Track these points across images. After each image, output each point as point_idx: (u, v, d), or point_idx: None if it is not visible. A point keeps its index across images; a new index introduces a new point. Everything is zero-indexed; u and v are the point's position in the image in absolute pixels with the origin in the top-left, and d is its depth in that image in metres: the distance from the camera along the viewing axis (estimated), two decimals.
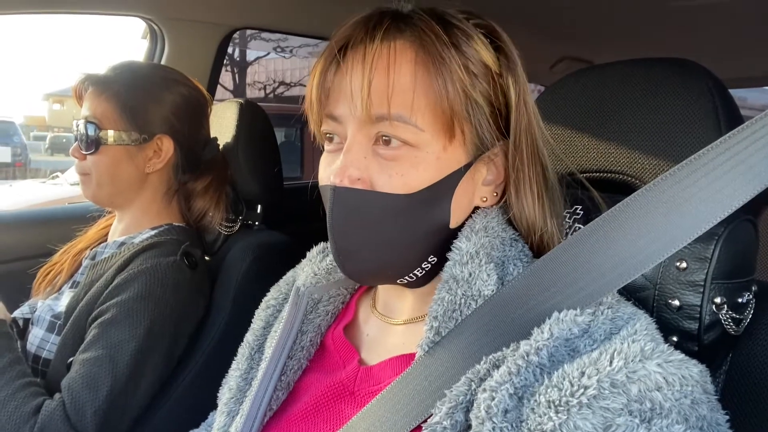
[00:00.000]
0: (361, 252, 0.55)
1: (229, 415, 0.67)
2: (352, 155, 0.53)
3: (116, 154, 1.03)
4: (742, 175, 0.46)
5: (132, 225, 1.09)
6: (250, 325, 0.75)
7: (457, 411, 0.46)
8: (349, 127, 0.54)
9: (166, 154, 1.06)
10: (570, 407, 0.40)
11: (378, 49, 0.52)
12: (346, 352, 0.63)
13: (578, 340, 0.46)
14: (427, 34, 0.53)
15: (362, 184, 0.53)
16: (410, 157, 0.53)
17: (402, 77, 0.52)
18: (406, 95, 0.52)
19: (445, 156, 0.54)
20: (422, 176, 0.53)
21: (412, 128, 0.52)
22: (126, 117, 1.02)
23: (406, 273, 0.57)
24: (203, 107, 1.15)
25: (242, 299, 1.08)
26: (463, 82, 0.53)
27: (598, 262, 0.49)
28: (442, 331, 0.52)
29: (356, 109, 0.52)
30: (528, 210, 0.57)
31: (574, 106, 0.75)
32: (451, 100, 0.53)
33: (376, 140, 0.54)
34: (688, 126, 0.62)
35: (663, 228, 0.47)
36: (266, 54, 9.94)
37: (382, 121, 0.52)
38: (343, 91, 0.53)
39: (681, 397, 0.41)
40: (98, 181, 1.04)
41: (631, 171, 0.67)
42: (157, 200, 1.10)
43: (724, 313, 0.54)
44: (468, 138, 0.55)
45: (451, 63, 0.52)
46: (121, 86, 1.03)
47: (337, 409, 0.58)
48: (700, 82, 0.63)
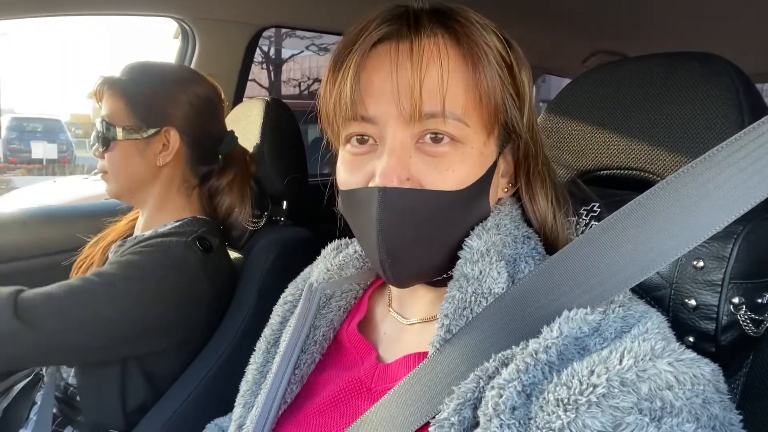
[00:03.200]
0: (410, 254, 0.54)
1: (245, 407, 0.68)
2: (397, 155, 0.52)
3: (126, 148, 1.06)
4: (761, 171, 0.44)
5: (153, 218, 1.11)
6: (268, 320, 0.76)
7: (465, 407, 0.46)
8: (388, 126, 0.52)
9: (174, 146, 1.08)
10: (579, 406, 0.40)
11: (426, 45, 0.51)
12: (363, 349, 0.64)
13: (588, 339, 0.46)
14: (467, 28, 0.53)
15: (411, 184, 0.52)
16: (458, 153, 0.53)
17: (453, 73, 0.52)
18: (458, 91, 0.52)
19: (486, 150, 0.55)
20: (469, 172, 0.53)
21: (461, 124, 0.52)
22: (133, 112, 1.06)
23: (444, 271, 0.57)
24: (216, 105, 1.17)
25: (267, 294, 1.10)
26: (501, 77, 0.54)
27: (611, 261, 0.48)
28: (453, 329, 0.52)
29: (404, 108, 0.51)
30: (540, 198, 0.58)
31: (595, 101, 0.74)
32: (495, 95, 0.53)
33: (420, 139, 0.53)
34: (711, 121, 0.61)
35: (677, 226, 0.46)
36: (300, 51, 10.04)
37: (430, 118, 0.51)
38: (382, 90, 0.52)
39: (692, 396, 0.40)
40: (114, 177, 1.08)
41: (652, 168, 0.66)
42: (172, 193, 1.12)
43: (743, 313, 0.52)
44: (498, 133, 0.56)
45: (490, 57, 0.53)
46: (129, 84, 1.07)
47: (354, 405, 0.59)
48: (724, 77, 0.61)
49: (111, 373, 0.99)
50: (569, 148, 0.75)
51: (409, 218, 0.52)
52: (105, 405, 1.00)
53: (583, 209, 0.63)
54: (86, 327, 0.91)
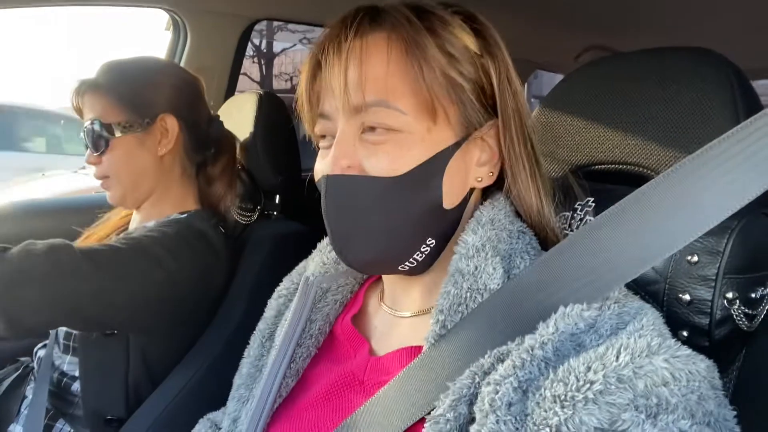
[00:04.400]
0: (358, 238, 0.56)
1: (239, 401, 0.68)
2: (341, 145, 0.55)
3: (127, 144, 1.04)
4: (757, 166, 0.44)
5: (155, 209, 1.09)
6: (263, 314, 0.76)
7: (460, 403, 0.46)
8: (338, 121, 0.56)
9: (173, 132, 1.07)
10: (576, 402, 0.40)
11: (351, 44, 0.54)
12: (355, 341, 0.64)
13: (584, 335, 0.46)
14: (400, 21, 0.55)
15: (353, 171, 0.55)
16: (396, 139, 0.54)
17: (374, 66, 0.54)
18: (380, 82, 0.54)
19: (431, 137, 0.55)
20: (409, 157, 0.54)
21: (394, 112, 0.54)
22: (125, 105, 1.04)
23: (405, 258, 0.57)
24: (198, 87, 1.16)
25: (260, 288, 1.09)
26: (440, 62, 0.54)
27: (606, 256, 0.48)
28: (448, 325, 0.52)
29: (338, 102, 0.55)
30: (524, 189, 0.58)
31: (589, 96, 0.74)
32: (429, 81, 0.54)
33: (363, 129, 0.55)
34: (705, 116, 0.61)
35: (673, 221, 0.46)
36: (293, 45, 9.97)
37: (362, 110, 0.54)
38: (327, 89, 0.56)
39: (688, 393, 0.41)
40: (118, 178, 1.05)
41: (647, 162, 0.66)
42: (174, 184, 1.10)
43: (736, 308, 0.52)
44: (454, 118, 0.56)
45: (426, 46, 0.54)
46: (113, 81, 1.05)
47: (347, 398, 0.59)
48: (719, 71, 0.61)
49: (114, 358, 0.99)
50: (564, 143, 0.75)
51: (350, 203, 0.55)
52: (107, 391, 1.00)
53: (578, 204, 0.63)
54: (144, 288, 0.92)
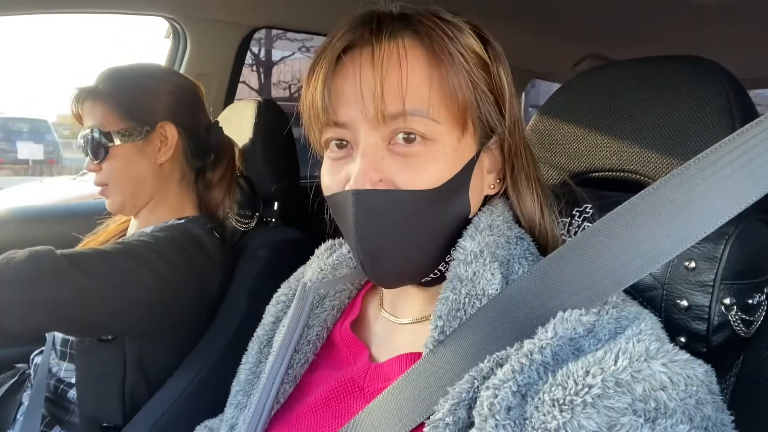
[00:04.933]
0: (391, 254, 0.55)
1: (237, 408, 0.68)
2: (368, 157, 0.52)
3: (126, 152, 1.04)
4: (753, 173, 0.45)
5: (153, 216, 1.09)
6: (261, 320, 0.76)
7: (459, 408, 0.46)
8: (360, 130, 0.53)
9: (172, 139, 1.07)
10: (574, 406, 0.40)
11: (387, 49, 0.52)
12: (355, 348, 0.64)
13: (583, 340, 0.46)
14: (432, 29, 0.54)
15: (384, 185, 0.53)
16: (429, 151, 0.53)
17: (415, 73, 0.52)
18: (421, 90, 0.52)
19: (460, 147, 0.55)
20: (443, 169, 0.53)
21: (429, 122, 0.52)
22: (124, 113, 1.04)
23: (432, 270, 0.57)
24: (197, 94, 1.16)
25: (257, 295, 1.09)
26: (469, 73, 0.54)
27: (604, 262, 0.48)
28: (446, 331, 0.52)
29: (369, 109, 0.52)
30: (524, 196, 0.59)
31: (587, 103, 0.74)
32: (463, 91, 0.53)
33: (391, 140, 0.53)
34: (702, 124, 0.61)
35: (670, 227, 0.46)
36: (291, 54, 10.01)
37: (396, 118, 0.52)
38: (350, 95, 0.53)
39: (686, 397, 0.41)
40: (117, 186, 1.05)
41: (644, 170, 0.66)
42: (173, 191, 1.10)
43: (734, 314, 0.53)
44: (476, 128, 0.56)
45: (457, 55, 0.53)
46: (112, 88, 1.05)
47: (346, 405, 0.59)
48: (715, 80, 0.62)
49: (112, 365, 0.99)
50: (561, 150, 0.76)
51: (385, 219, 0.53)
52: (104, 398, 0.99)
53: (575, 210, 0.64)
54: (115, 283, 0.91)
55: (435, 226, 0.55)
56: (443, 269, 0.58)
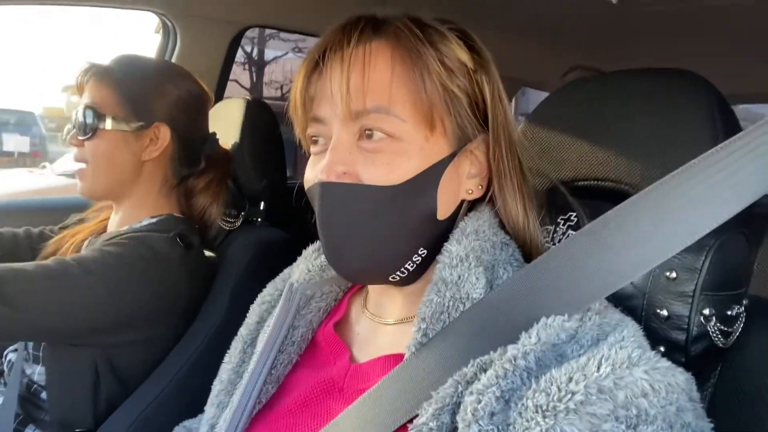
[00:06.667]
0: (352, 247, 0.56)
1: (218, 407, 0.67)
2: (337, 151, 0.55)
3: (113, 139, 1.03)
4: (735, 186, 0.45)
5: (129, 215, 1.08)
6: (245, 320, 0.75)
7: (443, 413, 0.46)
8: (333, 126, 0.56)
9: (163, 142, 1.06)
10: (557, 412, 0.40)
11: (354, 50, 0.55)
12: (336, 348, 0.64)
13: (565, 346, 0.47)
14: (403, 31, 0.56)
15: (349, 178, 0.54)
16: (394, 148, 0.54)
17: (378, 72, 0.54)
18: (383, 88, 0.54)
19: (428, 146, 0.55)
20: (407, 166, 0.54)
21: (393, 119, 0.54)
22: (125, 104, 1.03)
23: (397, 267, 0.57)
24: (204, 104, 1.16)
25: (241, 295, 1.09)
26: (439, 74, 0.55)
27: (588, 269, 0.49)
28: (429, 333, 0.52)
29: (337, 107, 0.54)
30: (510, 202, 0.59)
31: (574, 113, 0.75)
32: (429, 92, 0.55)
33: (360, 136, 0.55)
34: (686, 136, 0.62)
35: (653, 236, 0.47)
36: (284, 54, 9.98)
37: (362, 116, 0.54)
38: (325, 93, 0.56)
39: (666, 404, 0.41)
40: (95, 168, 1.03)
41: (628, 179, 0.67)
42: (153, 191, 1.09)
43: (713, 325, 0.53)
44: (449, 130, 0.57)
45: (427, 57, 0.55)
46: (122, 75, 1.05)
47: (326, 405, 0.59)
48: (699, 93, 0.63)
49: (82, 369, 0.97)
50: (548, 158, 0.76)
51: (346, 212, 0.55)
52: (74, 403, 0.97)
53: (560, 218, 0.64)
54: (63, 311, 0.89)
55: (398, 223, 0.56)
56: (410, 268, 0.58)
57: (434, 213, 0.57)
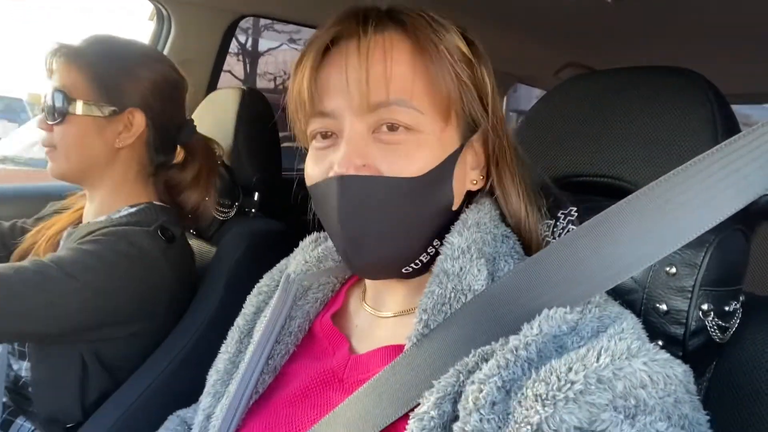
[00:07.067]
0: (372, 241, 0.55)
1: (214, 397, 0.67)
2: (352, 144, 0.53)
3: (84, 125, 0.98)
4: (736, 184, 0.46)
5: (106, 204, 1.04)
6: (241, 310, 0.75)
7: (445, 401, 0.46)
8: (345, 119, 0.54)
9: (137, 128, 1.01)
10: (557, 401, 0.40)
11: (372, 40, 0.53)
12: (335, 339, 0.64)
13: (566, 337, 0.47)
14: (418, 23, 0.55)
15: (368, 171, 0.53)
16: (413, 140, 0.54)
17: (399, 64, 0.54)
18: (405, 81, 0.53)
19: (443, 138, 0.56)
20: (427, 158, 0.54)
21: (413, 111, 0.54)
22: (97, 88, 0.98)
23: (412, 260, 0.58)
24: (180, 89, 1.10)
25: (234, 286, 1.08)
26: (453, 66, 0.55)
27: (589, 263, 0.49)
28: (431, 324, 0.53)
29: (353, 98, 0.53)
30: (510, 194, 0.60)
31: (573, 110, 0.75)
32: (446, 84, 0.55)
33: (376, 129, 0.54)
34: (686, 134, 0.63)
35: (655, 232, 0.48)
36: (279, 45, 9.89)
37: (380, 108, 0.53)
38: (336, 85, 0.54)
39: (664, 396, 0.42)
40: (65, 153, 0.99)
41: (627, 176, 0.67)
42: (129, 178, 1.05)
43: (711, 320, 0.54)
44: (461, 121, 0.57)
45: (442, 48, 0.55)
46: (93, 57, 0.99)
47: (326, 396, 0.59)
48: (699, 91, 0.63)
49: (69, 366, 0.95)
50: (546, 154, 0.76)
51: (368, 205, 0.53)
52: (62, 399, 0.96)
53: (560, 213, 0.64)
54: (41, 314, 0.86)
55: (418, 215, 0.56)
56: (424, 260, 0.58)
57: (451, 204, 0.57)
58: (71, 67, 0.98)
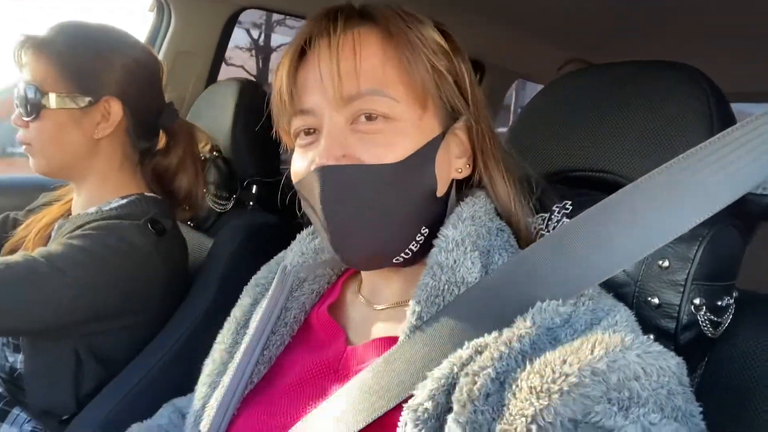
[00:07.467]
0: (359, 230, 0.56)
1: (210, 387, 0.67)
2: (331, 136, 0.54)
3: (60, 119, 0.94)
4: (728, 178, 0.46)
5: (94, 195, 1.02)
6: (236, 303, 0.75)
7: (438, 393, 0.46)
8: (324, 114, 0.55)
9: (115, 117, 0.98)
10: (551, 393, 0.41)
11: (342, 36, 0.55)
12: (331, 330, 0.64)
13: (560, 330, 0.47)
14: (390, 17, 0.57)
15: (348, 160, 0.54)
16: (391, 128, 0.55)
17: (369, 56, 0.55)
18: (376, 71, 0.55)
19: (422, 125, 0.56)
20: (405, 144, 0.55)
21: (387, 100, 0.54)
22: (69, 78, 0.94)
23: (402, 249, 0.58)
24: (156, 71, 1.06)
25: (230, 278, 1.08)
26: (427, 55, 0.56)
27: (582, 256, 0.49)
28: (424, 316, 0.53)
29: (328, 93, 0.54)
30: (498, 185, 0.61)
31: (570, 104, 0.75)
32: (420, 72, 0.56)
33: (354, 120, 0.55)
34: (682, 128, 0.63)
35: (648, 225, 0.48)
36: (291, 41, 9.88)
37: (355, 100, 0.54)
38: (312, 82, 0.56)
39: (658, 388, 0.42)
40: (42, 150, 0.96)
41: (622, 170, 0.67)
42: (114, 168, 1.02)
43: (703, 314, 0.54)
44: (439, 108, 0.58)
45: (414, 39, 0.56)
46: (63, 46, 0.95)
47: (321, 386, 0.59)
48: (696, 85, 0.63)
49: (63, 359, 0.94)
50: (542, 149, 0.76)
51: (350, 194, 0.54)
52: (56, 392, 0.96)
53: (555, 206, 0.64)
54: (32, 310, 0.86)
55: (402, 201, 0.56)
56: (414, 248, 0.58)
57: (434, 189, 0.58)
58: (40, 59, 0.94)
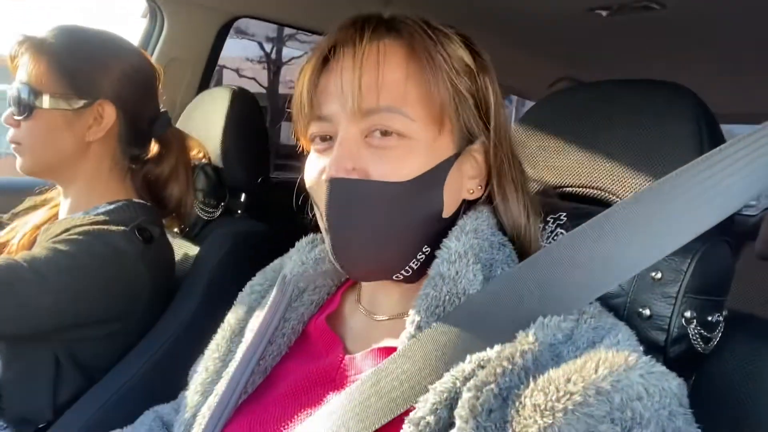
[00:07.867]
0: (361, 244, 0.56)
1: (203, 395, 0.66)
2: (344, 147, 0.54)
3: (52, 119, 0.94)
4: (720, 195, 0.47)
5: (81, 199, 1.01)
6: (225, 311, 0.74)
7: (441, 407, 0.46)
8: (340, 123, 0.55)
9: (108, 121, 0.98)
10: (555, 412, 0.41)
11: (367, 48, 0.55)
12: (329, 340, 0.64)
13: (562, 346, 0.48)
14: (414, 31, 0.56)
15: (357, 174, 0.54)
16: (403, 145, 0.55)
17: (392, 72, 0.55)
18: (397, 88, 0.54)
19: (436, 145, 0.56)
20: (415, 163, 0.55)
21: (404, 119, 0.54)
22: (64, 80, 0.95)
23: (403, 266, 0.58)
24: (152, 79, 1.07)
25: (215, 286, 1.07)
26: (450, 75, 0.56)
27: (578, 270, 0.50)
28: (423, 326, 0.53)
29: (347, 104, 0.54)
30: (512, 204, 0.60)
31: (561, 121, 0.76)
32: (440, 92, 0.55)
33: (369, 134, 0.55)
34: (672, 147, 0.63)
35: (642, 240, 0.48)
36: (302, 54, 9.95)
37: (372, 114, 0.54)
38: (333, 91, 0.56)
39: (660, 408, 0.42)
40: (32, 149, 0.96)
41: (613, 188, 0.68)
42: (103, 173, 1.02)
43: (693, 327, 0.54)
44: (456, 130, 0.58)
45: (439, 58, 0.55)
46: (59, 48, 0.95)
47: (317, 395, 0.59)
48: (686, 105, 0.64)
49: (42, 365, 0.92)
50: (534, 164, 0.77)
51: (354, 208, 0.54)
52: (33, 399, 0.93)
53: (549, 217, 0.65)
54: (12, 315, 0.84)
55: (404, 220, 0.56)
56: (414, 266, 0.58)
57: (440, 211, 0.58)
58: (37, 60, 0.95)
